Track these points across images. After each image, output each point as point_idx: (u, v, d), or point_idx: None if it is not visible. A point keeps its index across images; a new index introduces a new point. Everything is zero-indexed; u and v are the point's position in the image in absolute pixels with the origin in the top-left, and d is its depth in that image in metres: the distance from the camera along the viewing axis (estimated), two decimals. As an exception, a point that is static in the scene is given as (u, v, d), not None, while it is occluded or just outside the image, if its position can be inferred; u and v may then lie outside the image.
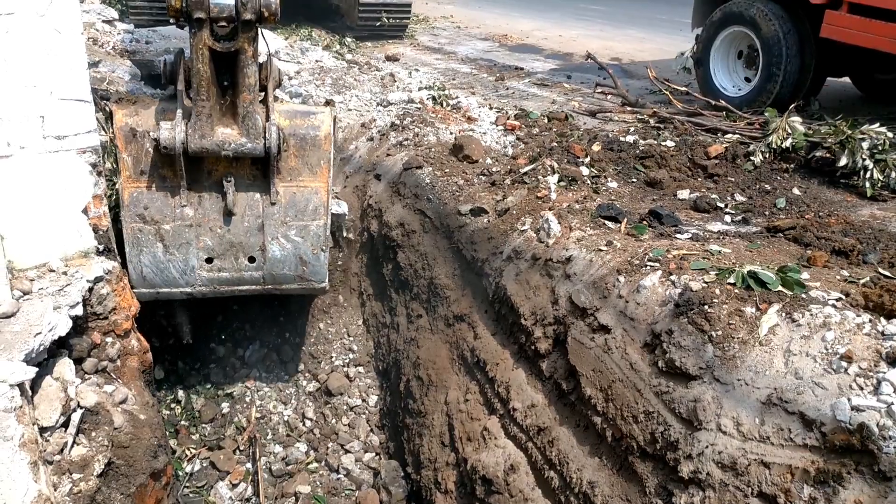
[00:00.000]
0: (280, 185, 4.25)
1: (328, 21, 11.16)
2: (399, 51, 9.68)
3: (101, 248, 3.50)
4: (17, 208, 3.23)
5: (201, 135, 3.83)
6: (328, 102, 4.62)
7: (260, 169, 4.19)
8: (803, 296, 2.94)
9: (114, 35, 8.20)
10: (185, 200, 4.12)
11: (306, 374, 5.65)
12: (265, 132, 3.92)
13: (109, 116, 4.02)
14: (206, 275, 4.35)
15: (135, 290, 4.14)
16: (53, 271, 3.27)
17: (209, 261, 4.31)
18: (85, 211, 3.42)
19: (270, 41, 7.99)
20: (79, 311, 3.13)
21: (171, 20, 3.71)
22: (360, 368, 5.66)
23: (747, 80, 6.44)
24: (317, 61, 8.40)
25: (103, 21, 8.64)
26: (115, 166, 4.14)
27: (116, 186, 4.09)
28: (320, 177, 4.32)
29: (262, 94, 4.04)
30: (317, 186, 4.33)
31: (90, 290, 3.29)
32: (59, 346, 3.14)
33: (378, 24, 10.31)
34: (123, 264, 4.05)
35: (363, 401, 5.45)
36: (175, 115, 3.83)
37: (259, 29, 3.79)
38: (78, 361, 3.25)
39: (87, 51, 3.65)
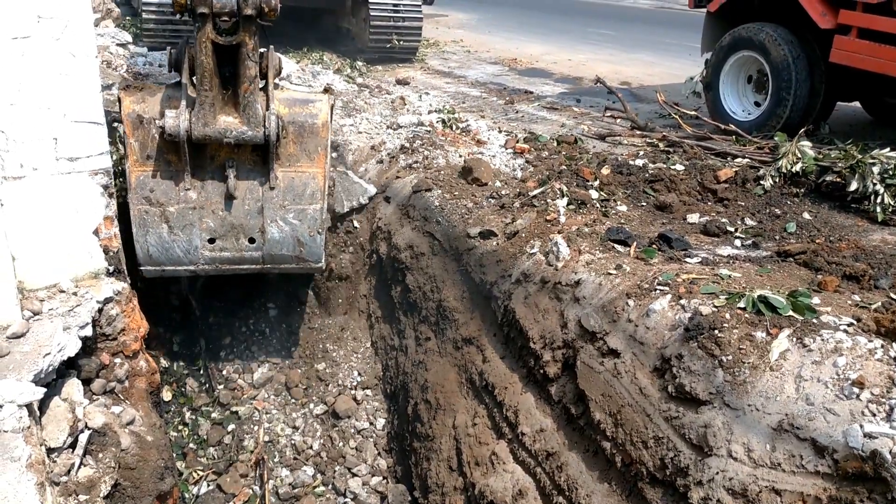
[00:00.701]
0: (279, 171, 4.45)
1: (339, 45, 11.26)
2: (409, 74, 9.75)
3: (111, 268, 3.51)
4: (29, 229, 3.26)
5: (204, 123, 4.03)
6: (327, 90, 4.76)
7: (260, 155, 4.38)
8: (814, 321, 2.92)
9: (127, 58, 8.31)
10: (188, 184, 4.32)
11: (314, 397, 5.63)
12: (265, 121, 4.12)
13: (118, 102, 4.20)
14: (208, 254, 4.54)
15: (141, 268, 4.46)
16: (64, 292, 3.29)
17: (211, 241, 4.51)
18: (96, 232, 3.44)
19: (283, 65, 8.07)
20: (88, 331, 3.14)
21: (177, 14, 3.92)
22: (368, 391, 5.64)
23: (757, 104, 6.44)
24: (328, 84, 8.46)
25: (117, 44, 8.76)
26: (123, 151, 4.37)
27: (124, 169, 4.28)
28: (318, 162, 4.52)
29: (264, 81, 4.23)
30: (314, 172, 4.53)
31: (100, 310, 3.31)
32: (68, 367, 3.15)
33: (389, 47, 10.39)
34: (130, 245, 4.27)
35: (371, 424, 5.43)
36: (180, 103, 4.03)
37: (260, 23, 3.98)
38: (86, 382, 3.26)
39: (100, 73, 3.74)
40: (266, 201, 4.48)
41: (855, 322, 2.90)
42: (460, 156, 5.77)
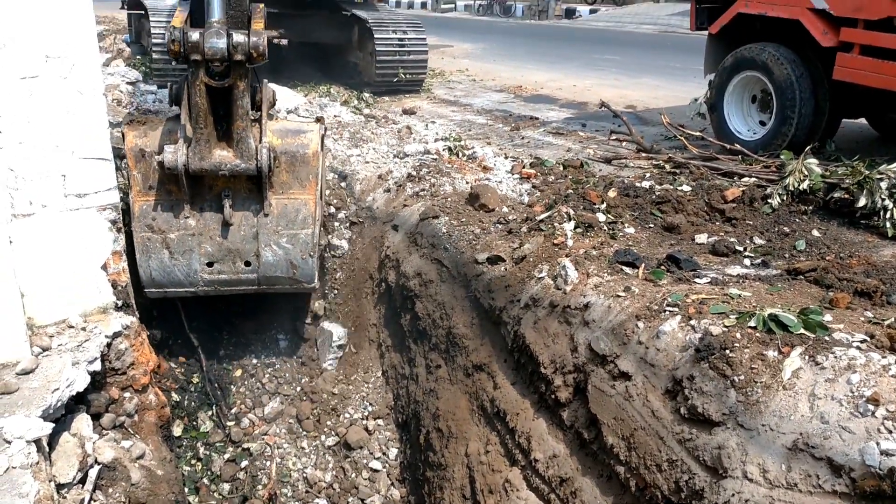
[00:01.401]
0: (272, 198, 4.73)
1: (347, 78, 11.40)
2: (416, 104, 9.83)
3: (119, 303, 3.53)
4: (38, 266, 3.28)
5: (200, 157, 4.31)
6: (318, 119, 5.07)
7: (255, 184, 4.66)
8: (826, 338, 2.89)
9: (137, 95, 8.42)
10: (188, 212, 4.62)
11: (325, 429, 5.60)
12: (257, 153, 4.39)
13: (122, 136, 4.52)
14: (207, 277, 4.83)
15: (145, 290, 4.76)
16: (73, 327, 3.30)
17: (210, 265, 4.79)
18: (104, 267, 3.47)
19: (290, 98, 8.20)
20: (97, 366, 3.14)
21: (172, 60, 4.22)
22: (380, 421, 5.60)
23: (762, 123, 6.44)
24: (335, 116, 8.54)
25: (127, 83, 8.89)
26: (126, 182, 4.64)
27: (128, 200, 4.56)
28: (309, 189, 4.80)
29: (259, 113, 4.52)
30: (306, 198, 4.81)
31: (109, 345, 3.32)
32: (78, 402, 3.15)
33: (395, 79, 10.50)
34: (134, 269, 4.47)
35: (383, 454, 5.39)
36: (178, 138, 4.32)
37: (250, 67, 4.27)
38: (96, 417, 3.26)
39: (111, 111, 3.83)
40: (261, 227, 4.76)
41: (868, 338, 2.87)
42: (467, 182, 5.79)
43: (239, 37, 4.04)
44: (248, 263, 4.85)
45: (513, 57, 15.60)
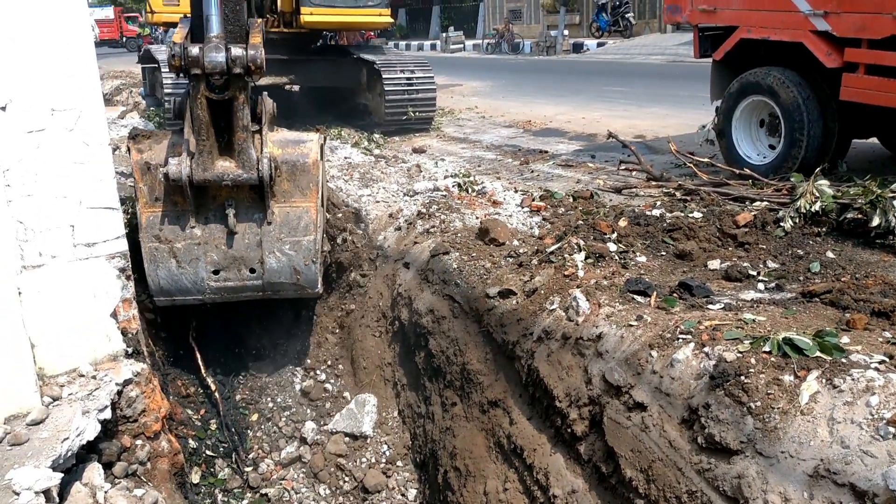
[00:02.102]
0: (275, 206, 4.91)
1: (357, 119, 11.53)
2: (425, 142, 9.90)
3: (129, 350, 3.53)
4: (48, 316, 3.30)
5: (204, 169, 4.47)
6: (317, 129, 5.32)
7: (257, 193, 4.83)
8: (843, 360, 2.82)
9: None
10: (193, 222, 4.80)
11: (343, 473, 5.53)
12: (258, 164, 4.55)
13: (128, 150, 4.75)
14: (213, 284, 4.99)
15: (154, 298, 4.97)
16: (83, 376, 3.30)
17: (216, 273, 4.95)
18: (114, 315, 3.48)
19: None
20: (107, 414, 3.13)
21: (173, 74, 4.44)
22: (399, 462, 5.54)
23: (771, 147, 6.41)
24: (345, 158, 8.62)
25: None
26: (133, 194, 4.87)
27: (135, 211, 4.82)
28: (310, 197, 4.97)
29: (259, 125, 4.71)
30: (307, 206, 4.98)
31: (119, 393, 3.31)
32: (89, 451, 3.14)
33: (404, 118, 10.60)
34: (142, 279, 4.74)
35: (402, 495, 5.31)
36: (182, 150, 4.50)
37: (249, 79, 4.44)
38: (108, 466, 3.24)
39: (124, 162, 3.88)
40: (264, 235, 4.93)
41: (887, 359, 2.80)
42: (477, 218, 5.79)
43: (237, 50, 4.19)
44: (252, 270, 5.00)
45: (521, 93, 15.72)
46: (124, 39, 43.84)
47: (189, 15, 4.92)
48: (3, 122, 3.11)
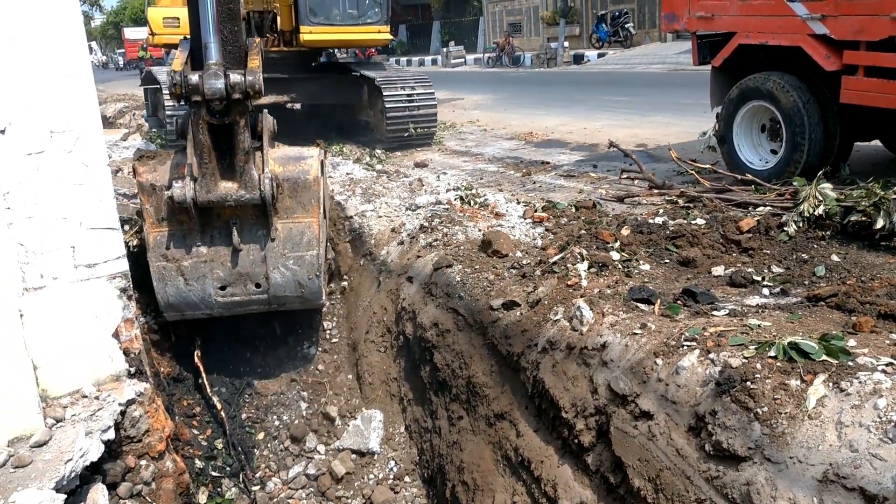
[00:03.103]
0: (278, 223, 5.03)
1: (359, 136, 11.57)
2: (427, 157, 9.91)
3: (132, 370, 3.52)
4: (51, 337, 3.29)
5: (207, 190, 4.60)
6: (317, 144, 5.38)
7: (260, 211, 4.92)
8: (850, 363, 2.80)
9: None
10: (199, 241, 4.93)
11: (351, 490, 5.50)
12: (260, 184, 4.66)
13: (133, 172, 4.88)
14: (221, 300, 5.13)
15: (164, 314, 5.15)
16: (86, 397, 3.29)
17: (223, 288, 5.09)
18: (116, 335, 3.47)
19: None
20: (111, 435, 3.12)
21: (174, 101, 4.57)
22: (406, 478, 5.50)
23: (773, 152, 6.39)
24: (347, 174, 8.64)
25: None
26: (141, 215, 5.01)
27: (143, 232, 4.96)
28: (312, 213, 5.09)
29: (260, 142, 4.82)
30: (309, 221, 5.10)
31: (123, 413, 3.30)
32: (93, 472, 3.13)
33: (406, 134, 10.62)
34: (151, 295, 4.94)
35: (411, 512, 5.27)
36: (186, 171, 4.62)
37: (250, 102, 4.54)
38: (112, 486, 3.22)
39: (127, 183, 3.90)
40: (268, 251, 5.05)
41: (894, 361, 2.77)
42: (479, 230, 5.78)
43: (236, 76, 4.29)
44: (258, 285, 5.13)
45: (523, 105, 15.75)
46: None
47: (189, 37, 4.96)
48: (2, 145, 3.12)
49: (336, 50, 14.08)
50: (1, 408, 3.01)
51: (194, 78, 4.25)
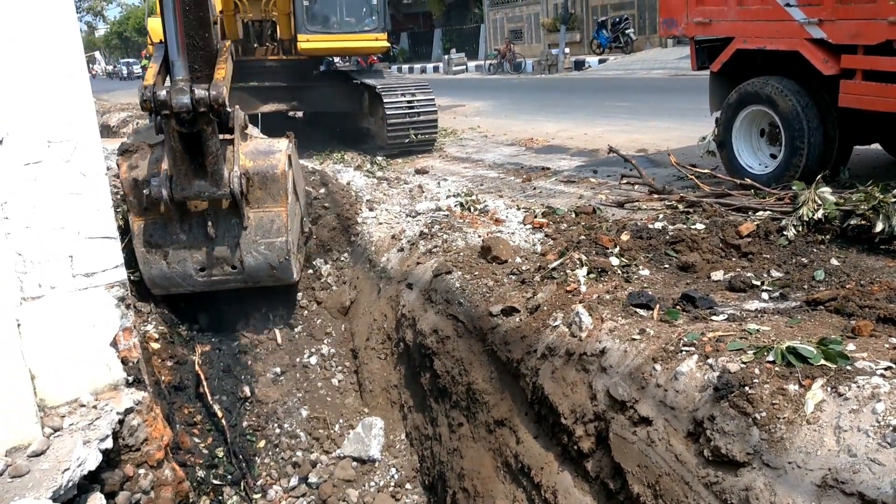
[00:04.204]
0: (250, 212, 5.50)
1: (360, 143, 11.59)
2: (428, 163, 9.92)
3: (130, 379, 3.52)
4: (49, 347, 3.29)
5: (181, 188, 5.04)
6: (287, 136, 5.84)
7: (233, 202, 5.32)
8: (848, 368, 2.78)
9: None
10: (178, 230, 5.43)
11: (352, 498, 5.49)
12: (230, 181, 5.08)
13: (117, 166, 5.33)
14: (201, 280, 5.66)
15: (152, 290, 5.68)
16: (84, 406, 3.29)
17: (202, 269, 5.61)
18: (114, 344, 3.47)
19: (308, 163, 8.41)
20: (108, 444, 3.12)
21: (147, 113, 4.79)
22: (408, 485, 5.49)
23: (773, 156, 6.38)
24: (348, 182, 8.64)
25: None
26: (125, 206, 5.50)
27: (129, 220, 5.45)
28: (281, 203, 5.59)
29: (232, 135, 5.22)
30: (279, 210, 5.60)
31: (121, 422, 3.30)
32: (91, 481, 3.12)
33: (407, 140, 10.64)
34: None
35: (412, 519, 5.26)
36: (162, 165, 5.09)
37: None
38: (110, 496, 3.22)
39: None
40: (241, 238, 5.55)
41: (893, 365, 2.76)
42: (479, 236, 5.78)
43: (200, 92, 4.60)
44: (234, 267, 5.65)
45: (524, 111, 15.76)
46: None
47: (163, 40, 5.10)
48: (0, 155, 3.13)
49: (337, 58, 14.14)
50: (-1, 417, 3.01)
51: (163, 94, 4.57)
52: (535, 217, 6.12)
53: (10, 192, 3.18)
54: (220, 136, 5.11)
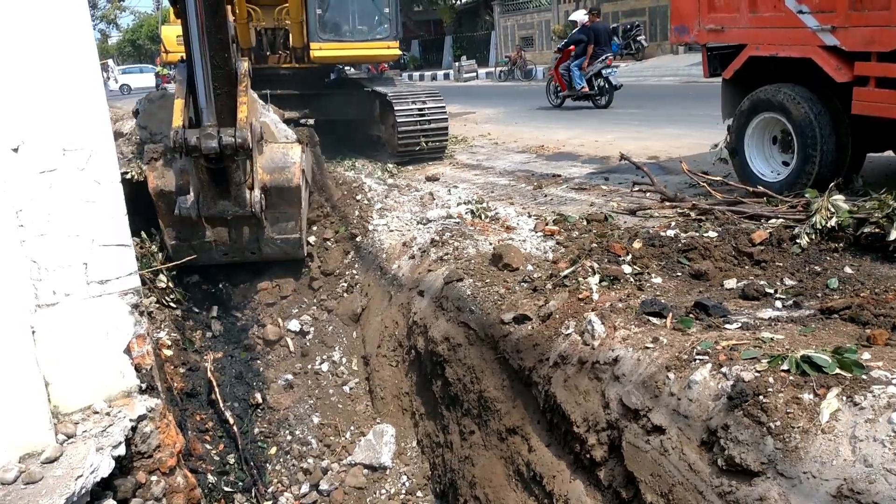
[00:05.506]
0: (267, 214, 6.17)
1: (371, 150, 11.62)
2: (439, 170, 9.93)
3: (143, 386, 3.53)
4: (62, 354, 3.31)
5: (207, 207, 5.72)
6: (299, 141, 6.52)
7: None
8: (864, 377, 2.76)
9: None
10: (204, 230, 6.19)
11: None
12: (251, 203, 5.74)
13: (146, 177, 5.98)
14: (223, 260, 6.65)
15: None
16: (97, 413, 3.30)
17: (225, 254, 6.55)
18: (128, 351, 3.48)
19: None
20: (121, 451, 3.13)
21: (178, 155, 5.38)
22: (419, 493, 5.48)
23: (785, 163, 6.35)
24: (359, 185, 8.66)
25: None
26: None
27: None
28: (295, 206, 6.36)
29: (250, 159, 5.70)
30: (293, 212, 6.38)
31: (133, 429, 3.31)
32: (104, 488, 3.13)
33: (417, 148, 10.65)
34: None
35: (423, 527, 5.24)
36: (188, 176, 5.65)
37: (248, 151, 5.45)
38: (123, 502, 3.22)
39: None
40: (260, 235, 6.43)
41: (909, 374, 2.74)
42: (490, 244, 5.78)
43: (227, 138, 5.07)
44: (252, 253, 6.62)
45: (534, 118, 15.76)
46: None
47: (184, 59, 5.46)
48: (15, 163, 3.15)
49: (348, 66, 14.18)
50: (13, 424, 3.02)
51: (193, 140, 5.03)
52: (547, 224, 6.10)
53: (26, 199, 3.20)
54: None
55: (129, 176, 6.43)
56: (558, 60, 16.97)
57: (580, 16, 17.68)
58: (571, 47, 16.51)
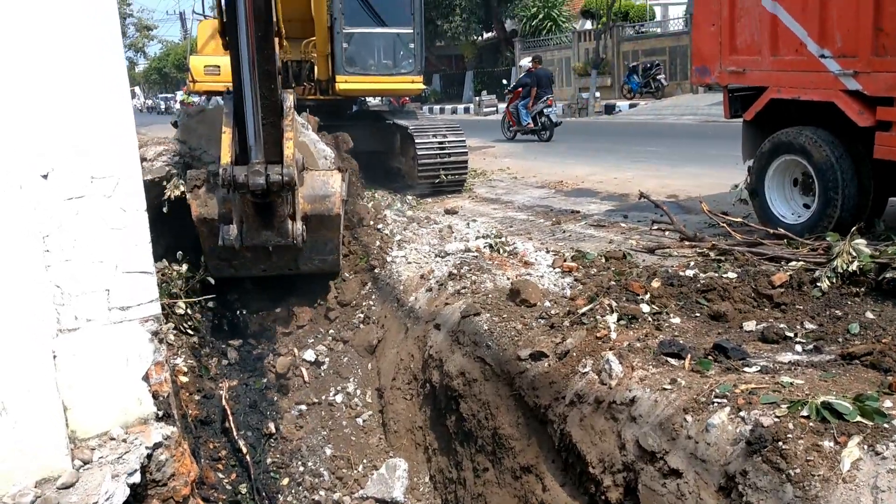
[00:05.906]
0: (307, 238, 6.10)
1: (391, 182, 11.70)
2: (458, 204, 9.98)
3: (160, 413, 3.54)
4: (82, 379, 3.33)
5: (251, 237, 5.74)
6: (340, 169, 6.73)
7: None
8: (885, 425, 2.73)
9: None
10: (244, 252, 6.20)
11: (374, 537, 5.44)
12: (293, 234, 5.74)
13: (189, 204, 6.16)
14: (262, 275, 6.83)
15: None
16: (114, 439, 3.31)
17: (264, 270, 6.74)
18: (146, 378, 3.50)
19: None
20: (136, 478, 3.13)
21: (225, 190, 5.45)
22: (430, 529, 5.43)
23: (806, 206, 6.33)
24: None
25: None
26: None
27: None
28: (333, 231, 6.58)
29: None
30: (331, 236, 6.62)
31: (149, 456, 3.31)
32: (118, 516, 3.13)
33: (437, 181, 10.73)
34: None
35: (434, 565, 5.18)
36: (230, 204, 5.66)
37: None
38: (136, 531, 3.22)
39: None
40: (299, 256, 6.66)
41: (931, 424, 2.70)
42: (508, 278, 5.78)
43: (275, 175, 5.12)
44: (290, 269, 6.79)
45: (553, 153, 15.83)
46: None
47: (230, 90, 5.48)
48: (44, 190, 3.21)
49: (370, 98, 14.36)
50: (30, 449, 3.04)
51: (241, 177, 5.11)
52: (565, 261, 6.10)
53: (53, 225, 3.25)
54: None
55: (166, 195, 6.47)
56: (510, 100, 19.87)
57: (525, 62, 21.20)
58: (519, 90, 19.28)
